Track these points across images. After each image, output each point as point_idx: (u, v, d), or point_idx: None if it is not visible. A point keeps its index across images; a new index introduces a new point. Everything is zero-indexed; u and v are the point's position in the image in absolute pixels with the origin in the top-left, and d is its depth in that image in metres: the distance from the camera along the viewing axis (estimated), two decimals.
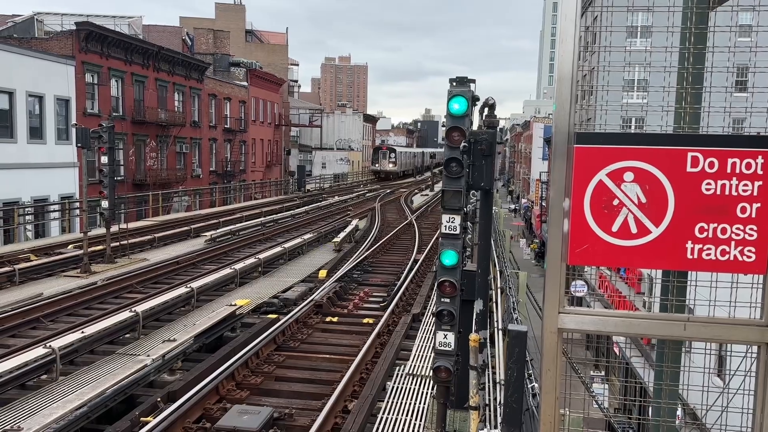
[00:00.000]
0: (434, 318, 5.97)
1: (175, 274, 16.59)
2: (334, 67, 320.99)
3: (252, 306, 13.28)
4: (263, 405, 8.18)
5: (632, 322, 2.95)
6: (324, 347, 11.06)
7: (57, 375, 8.87)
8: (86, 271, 15.60)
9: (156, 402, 7.99)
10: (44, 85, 28.63)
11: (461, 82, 6.02)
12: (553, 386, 2.80)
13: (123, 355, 9.75)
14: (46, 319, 11.92)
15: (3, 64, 26.61)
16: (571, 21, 2.73)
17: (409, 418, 7.71)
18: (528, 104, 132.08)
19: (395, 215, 32.75)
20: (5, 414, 7.47)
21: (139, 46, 36.50)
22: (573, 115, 2.73)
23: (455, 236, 5.98)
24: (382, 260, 19.68)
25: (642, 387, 10.71)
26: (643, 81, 6.13)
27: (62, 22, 38.89)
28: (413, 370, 9.32)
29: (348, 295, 14.81)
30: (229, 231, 22.98)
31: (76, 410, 7.51)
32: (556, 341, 2.79)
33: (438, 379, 6.03)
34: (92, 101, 32.48)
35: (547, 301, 2.79)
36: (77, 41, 31.32)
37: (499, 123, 6.39)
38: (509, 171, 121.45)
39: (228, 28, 59.46)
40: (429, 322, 11.71)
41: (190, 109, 43.19)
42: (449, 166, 5.71)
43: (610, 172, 2.80)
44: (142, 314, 11.16)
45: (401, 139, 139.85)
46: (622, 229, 2.83)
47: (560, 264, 2.78)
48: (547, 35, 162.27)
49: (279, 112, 61.78)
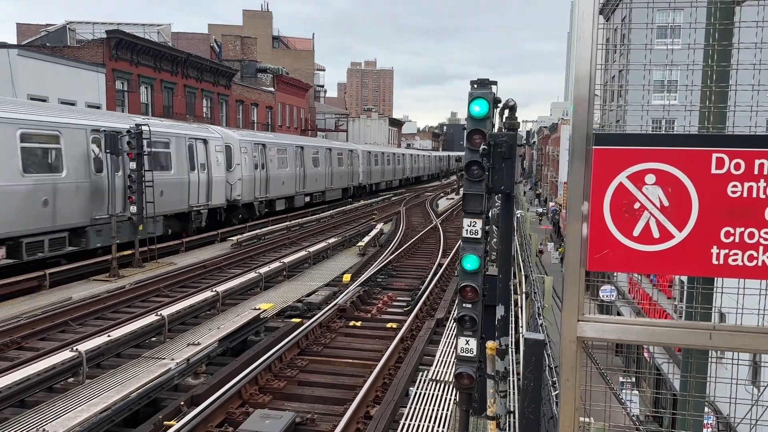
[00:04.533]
0: (456, 323, 5.88)
1: (202, 278, 16.75)
2: (360, 71, 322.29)
3: (276, 310, 13.32)
4: (285, 410, 8.17)
5: (655, 331, 2.84)
6: (347, 352, 11.03)
7: (83, 378, 8.99)
8: (115, 276, 15.84)
9: (179, 406, 8.03)
10: (76, 93, 29.25)
11: (482, 84, 5.93)
12: (573, 396, 2.71)
13: (148, 358, 9.84)
14: (74, 322, 12.12)
15: (36, 72, 27.28)
16: (588, 19, 2.65)
17: (431, 425, 7.61)
18: (555, 106, 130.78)
19: (420, 219, 32.64)
20: (32, 416, 7.59)
21: (168, 54, 37.10)
22: (591, 116, 2.65)
23: (477, 240, 5.88)
24: (406, 264, 19.60)
25: (674, 397, 10.45)
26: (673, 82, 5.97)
27: (93, 31, 39.74)
28: (436, 375, 9.21)
29: (372, 300, 14.77)
30: (255, 235, 23.14)
31: (100, 413, 7.58)
32: (575, 350, 2.70)
33: (460, 386, 5.93)
34: (122, 108, 33.07)
35: (565, 308, 2.70)
36: (108, 49, 31.96)
37: (521, 125, 6.29)
38: (536, 174, 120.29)
39: (255, 35, 60.13)
40: (453, 327, 11.59)
41: (218, 115, 43.72)
42: (470, 169, 5.63)
43: (630, 174, 2.70)
44: (168, 318, 11.27)
45: (427, 143, 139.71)
46: (643, 234, 2.73)
47: (579, 270, 2.69)
48: (575, 37, 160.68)
49: (305, 117, 62.20)
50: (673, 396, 12.14)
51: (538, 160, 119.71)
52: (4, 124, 14.57)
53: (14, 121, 14.87)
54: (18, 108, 15.71)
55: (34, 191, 15.13)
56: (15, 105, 16.11)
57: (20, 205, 14.75)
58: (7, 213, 14.37)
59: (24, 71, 26.66)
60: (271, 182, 29.49)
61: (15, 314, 12.21)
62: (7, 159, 14.52)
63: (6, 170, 14.47)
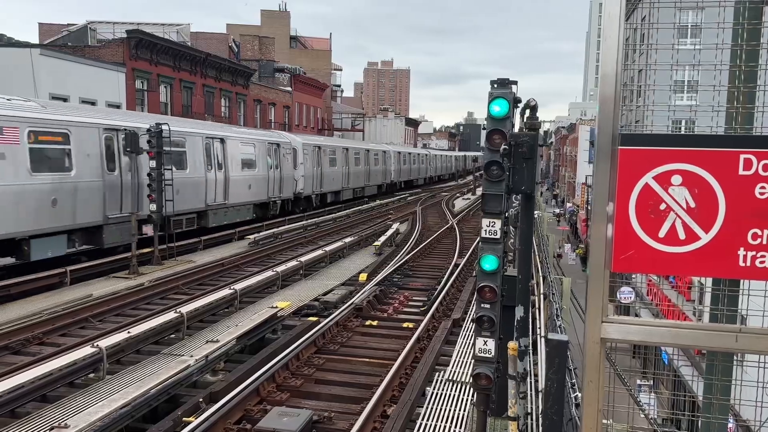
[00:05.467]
0: (474, 324, 5.87)
1: (219, 275, 16.88)
2: (377, 71, 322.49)
3: (293, 308, 13.38)
4: (303, 408, 8.21)
5: (679, 333, 2.82)
6: (363, 351, 11.04)
7: (104, 374, 9.10)
8: (134, 273, 16.01)
9: (198, 402, 8.10)
10: (96, 92, 29.58)
11: (502, 84, 5.91)
12: (596, 398, 2.69)
13: (167, 355, 9.94)
14: (94, 319, 12.27)
15: (58, 71, 27.63)
16: (615, 19, 2.63)
17: (448, 425, 7.61)
18: (574, 106, 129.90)
19: (436, 219, 32.59)
20: (54, 411, 7.70)
21: (187, 53, 37.39)
22: (617, 116, 2.63)
23: (495, 241, 5.87)
24: (422, 264, 19.58)
25: (692, 400, 10.32)
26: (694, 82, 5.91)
27: (114, 31, 40.17)
28: (453, 376, 9.20)
29: (388, 299, 14.78)
30: (272, 234, 23.26)
31: (120, 409, 7.67)
32: (599, 351, 2.68)
33: (478, 387, 5.92)
34: (142, 107, 33.39)
35: (589, 309, 2.69)
36: (128, 49, 32.29)
37: (542, 125, 6.25)
38: (554, 174, 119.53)
39: (273, 35, 60.38)
40: (469, 328, 11.57)
41: (236, 114, 43.99)
42: (489, 169, 5.61)
43: (656, 175, 2.68)
44: (186, 315, 11.38)
45: (443, 143, 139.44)
46: (669, 235, 2.70)
47: (603, 271, 2.67)
48: (593, 36, 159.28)
49: (322, 117, 62.37)
50: (691, 398, 11.99)
51: (555, 161, 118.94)
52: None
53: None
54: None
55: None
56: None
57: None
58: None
59: (45, 70, 27.02)
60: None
61: (37, 310, 12.38)
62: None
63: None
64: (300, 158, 31.02)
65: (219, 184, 22.93)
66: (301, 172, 31.10)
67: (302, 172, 31.24)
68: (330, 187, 35.88)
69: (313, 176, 32.80)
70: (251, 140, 26.46)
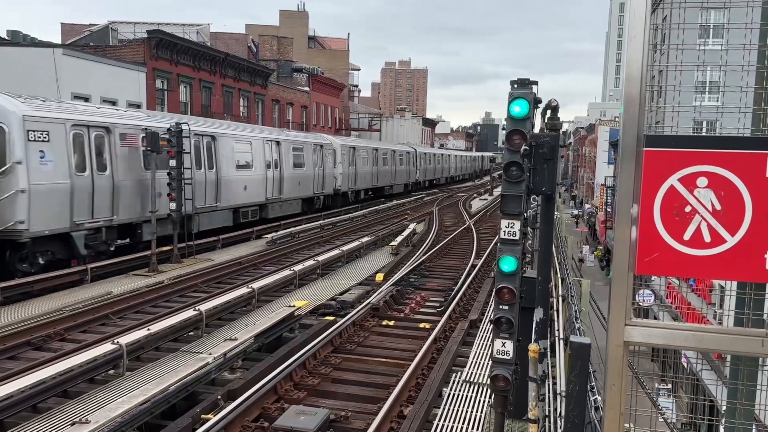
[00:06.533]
0: (492, 325, 5.84)
1: (237, 274, 16.99)
2: (394, 71, 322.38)
3: (310, 307, 13.43)
4: (320, 406, 8.24)
5: (704, 336, 2.78)
6: (380, 351, 11.05)
7: (123, 370, 9.20)
8: (154, 271, 16.16)
9: (216, 399, 8.17)
10: (117, 91, 29.91)
11: (523, 84, 5.88)
12: (618, 401, 2.67)
13: (186, 352, 10.02)
14: (114, 316, 12.41)
15: (80, 71, 27.98)
16: (640, 19, 2.60)
17: (465, 426, 7.59)
18: (593, 107, 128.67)
19: (453, 219, 32.51)
20: (75, 406, 7.80)
21: (207, 53, 37.67)
22: (642, 117, 2.60)
23: (514, 242, 5.83)
24: (439, 265, 19.54)
25: (712, 404, 10.17)
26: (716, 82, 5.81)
27: (135, 31, 40.59)
28: (470, 377, 9.18)
29: (404, 299, 14.77)
30: (289, 233, 23.35)
31: (140, 405, 7.76)
32: (622, 354, 2.66)
33: (496, 388, 5.89)
34: (162, 106, 33.69)
35: (612, 312, 2.66)
36: (148, 49, 32.60)
37: (562, 126, 6.21)
38: (572, 175, 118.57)
39: (291, 35, 60.63)
40: (487, 329, 11.52)
41: (254, 114, 44.23)
42: (509, 170, 5.59)
43: (682, 177, 2.65)
44: (205, 313, 11.46)
45: (460, 143, 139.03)
46: (694, 238, 2.67)
47: (627, 273, 2.65)
48: (613, 36, 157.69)
49: (339, 117, 62.49)
50: (710, 403, 11.81)
51: (574, 161, 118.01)
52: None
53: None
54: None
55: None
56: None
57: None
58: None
59: (68, 70, 27.37)
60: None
61: (58, 307, 12.56)
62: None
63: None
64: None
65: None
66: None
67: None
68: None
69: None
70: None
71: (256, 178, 25.21)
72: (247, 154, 24.54)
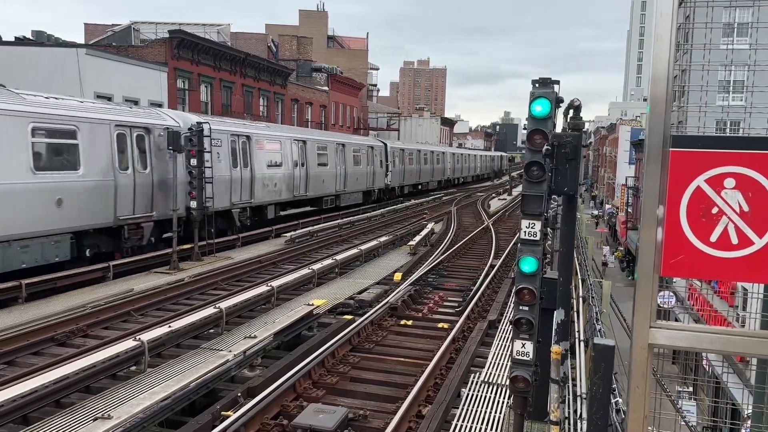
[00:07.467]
0: (512, 326, 5.81)
1: (257, 272, 17.10)
2: (413, 70, 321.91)
3: (328, 306, 13.47)
4: (338, 405, 8.26)
5: (730, 339, 2.74)
6: (398, 350, 11.05)
7: (145, 367, 9.31)
8: (175, 268, 16.33)
9: (236, 397, 8.22)
10: (139, 91, 30.24)
11: (544, 83, 5.84)
12: (642, 404, 2.64)
13: (207, 349, 10.11)
14: (136, 313, 12.56)
15: (103, 70, 28.35)
16: (667, 18, 2.57)
17: (484, 427, 7.56)
18: (614, 106, 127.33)
19: (471, 219, 32.39)
20: (97, 402, 7.91)
21: (228, 53, 37.94)
22: (668, 117, 2.57)
23: (535, 242, 5.80)
24: (457, 265, 19.49)
25: (734, 408, 10.01)
26: (741, 81, 5.68)
27: (156, 31, 41.01)
28: (489, 378, 9.14)
29: (422, 299, 14.75)
30: (308, 232, 23.45)
31: (161, 401, 7.84)
32: (647, 357, 2.63)
33: (515, 389, 5.86)
34: (183, 106, 33.99)
35: (637, 314, 2.63)
36: (170, 49, 32.93)
37: (584, 125, 6.16)
38: (592, 175, 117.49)
39: (311, 35, 60.82)
40: (505, 330, 11.47)
41: (273, 113, 44.45)
42: (530, 169, 5.55)
43: (709, 178, 2.61)
44: (225, 311, 11.56)
45: (479, 143, 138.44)
46: (721, 240, 2.63)
47: (652, 275, 2.62)
48: (635, 35, 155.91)
49: (358, 116, 62.58)
50: (732, 406, 11.62)
51: (594, 161, 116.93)
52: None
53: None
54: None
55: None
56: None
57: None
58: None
59: (91, 70, 27.75)
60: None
61: (81, 303, 12.74)
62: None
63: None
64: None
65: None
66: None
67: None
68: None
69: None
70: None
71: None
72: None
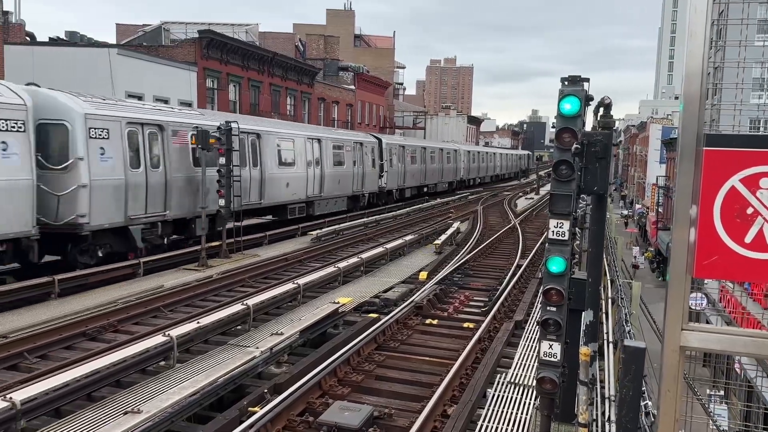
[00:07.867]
0: (539, 327, 5.76)
1: (283, 270, 17.23)
2: (439, 69, 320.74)
3: (354, 304, 13.51)
4: (363, 403, 8.28)
5: (765, 343, 2.68)
6: (423, 349, 11.04)
7: (174, 362, 9.45)
8: (203, 266, 16.55)
9: (263, 393, 8.30)
10: (169, 90, 30.70)
11: (573, 81, 5.77)
12: (673, 407, 2.60)
13: (234, 346, 10.22)
14: (165, 308, 12.75)
15: (133, 70, 28.85)
16: (701, 14, 2.52)
17: (510, 428, 7.51)
18: (644, 104, 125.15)
19: (498, 218, 32.18)
20: (127, 396, 8.05)
21: (256, 53, 38.30)
22: (702, 116, 2.52)
23: (563, 242, 5.73)
24: (483, 264, 19.38)
25: (766, 412, 9.76)
26: None
27: (186, 31, 41.56)
28: (515, 378, 9.07)
29: (448, 298, 14.70)
30: (333, 230, 23.54)
31: (190, 396, 7.95)
32: (678, 360, 2.58)
33: (542, 390, 5.81)
34: (212, 105, 34.42)
35: (668, 316, 2.59)
36: (199, 48, 33.36)
37: (615, 124, 6.07)
38: (622, 175, 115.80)
39: (338, 34, 61.07)
40: (532, 331, 11.37)
41: (300, 112, 44.75)
42: (558, 168, 5.49)
43: (743, 177, 2.55)
44: (252, 307, 11.67)
45: (506, 141, 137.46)
46: (756, 241, 2.58)
47: (685, 277, 2.57)
48: (666, 32, 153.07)
49: (384, 115, 62.63)
50: (766, 411, 11.33)
51: (624, 160, 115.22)
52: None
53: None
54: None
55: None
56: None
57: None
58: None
59: (122, 69, 28.27)
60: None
61: (112, 299, 12.98)
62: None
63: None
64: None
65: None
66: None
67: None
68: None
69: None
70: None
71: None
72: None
